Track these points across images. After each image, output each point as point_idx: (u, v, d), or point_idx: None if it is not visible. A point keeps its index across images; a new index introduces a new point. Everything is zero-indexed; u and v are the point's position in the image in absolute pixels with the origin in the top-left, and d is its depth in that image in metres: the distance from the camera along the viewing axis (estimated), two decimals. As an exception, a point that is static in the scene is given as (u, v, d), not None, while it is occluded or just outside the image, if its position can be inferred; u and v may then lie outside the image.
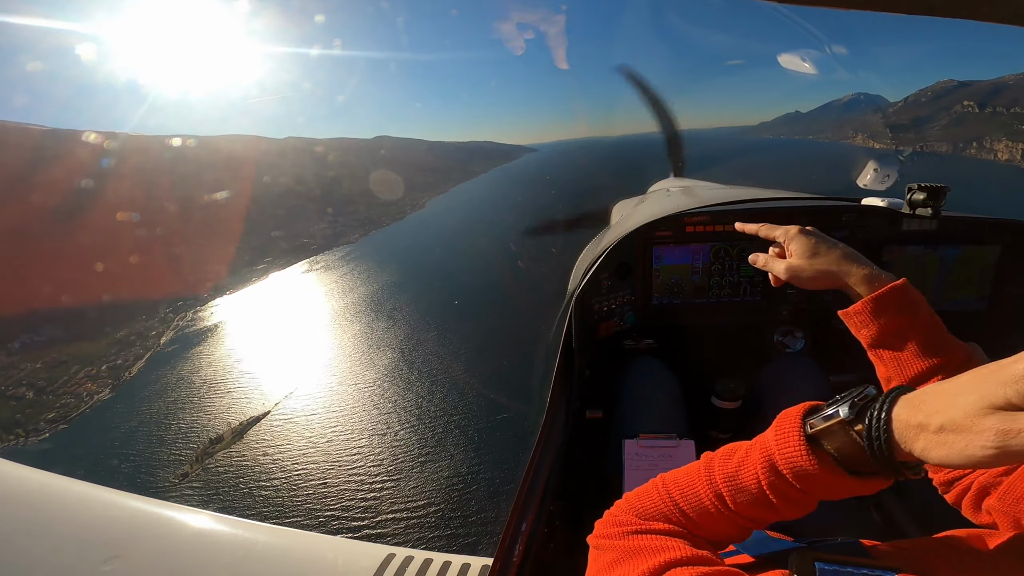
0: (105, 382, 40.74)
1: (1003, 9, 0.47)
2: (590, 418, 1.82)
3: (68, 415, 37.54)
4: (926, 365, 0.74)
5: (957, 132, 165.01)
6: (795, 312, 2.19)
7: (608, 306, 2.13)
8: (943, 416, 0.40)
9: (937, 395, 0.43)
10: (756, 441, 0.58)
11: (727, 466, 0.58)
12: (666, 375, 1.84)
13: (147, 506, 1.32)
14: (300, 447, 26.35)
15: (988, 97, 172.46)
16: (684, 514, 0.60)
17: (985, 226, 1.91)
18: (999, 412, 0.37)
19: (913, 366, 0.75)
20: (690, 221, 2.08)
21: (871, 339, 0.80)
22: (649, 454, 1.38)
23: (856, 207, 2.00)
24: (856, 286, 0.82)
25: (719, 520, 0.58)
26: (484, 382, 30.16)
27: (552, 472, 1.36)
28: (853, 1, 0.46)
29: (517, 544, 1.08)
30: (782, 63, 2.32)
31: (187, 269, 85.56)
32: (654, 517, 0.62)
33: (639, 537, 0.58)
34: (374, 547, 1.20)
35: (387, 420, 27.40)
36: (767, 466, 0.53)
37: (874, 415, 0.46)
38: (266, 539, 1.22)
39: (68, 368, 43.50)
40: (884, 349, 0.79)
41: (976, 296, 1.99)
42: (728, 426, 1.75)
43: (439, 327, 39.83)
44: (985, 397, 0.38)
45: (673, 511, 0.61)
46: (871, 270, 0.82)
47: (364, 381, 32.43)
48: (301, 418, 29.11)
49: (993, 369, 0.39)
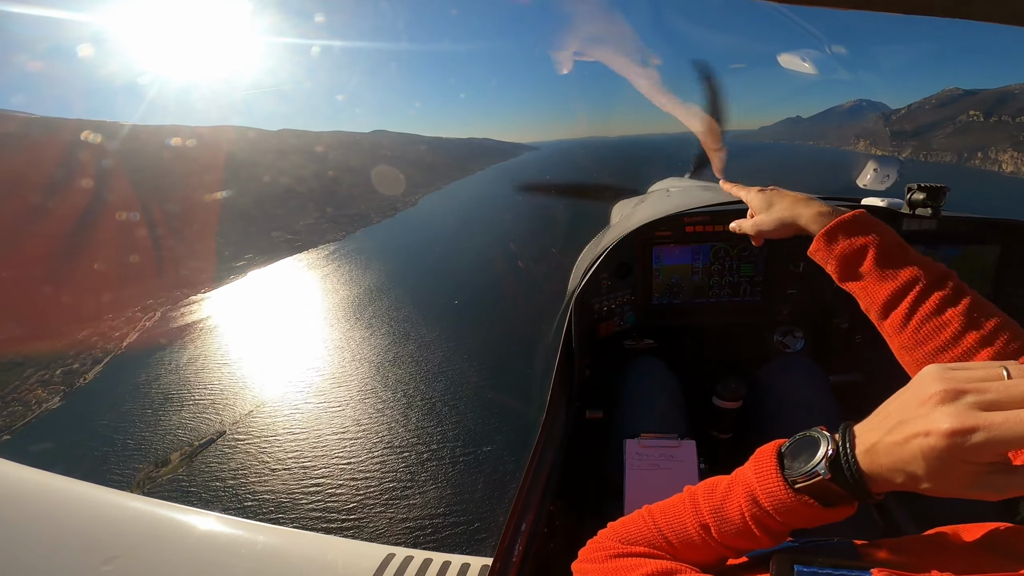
0: (57, 388, 37.82)
1: (1002, 9, 0.48)
2: (590, 418, 1.82)
3: (13, 425, 34.75)
4: (891, 288, 0.76)
5: (962, 141, 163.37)
6: (795, 312, 2.19)
7: (608, 306, 2.13)
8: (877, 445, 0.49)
9: (871, 427, 0.51)
10: (736, 476, 0.61)
11: (712, 500, 0.61)
12: (666, 375, 1.84)
13: (147, 506, 1.32)
14: (256, 473, 23.97)
15: (994, 106, 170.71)
16: (668, 542, 0.63)
17: (985, 226, 1.91)
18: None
19: (879, 292, 0.77)
20: (690, 221, 2.08)
21: (836, 273, 0.83)
22: (650, 454, 1.38)
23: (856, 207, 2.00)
24: (809, 225, 0.85)
25: (702, 549, 0.62)
26: (470, 414, 26.53)
27: (552, 472, 1.36)
28: (854, 1, 0.52)
29: (517, 544, 1.08)
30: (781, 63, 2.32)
31: (162, 265, 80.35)
32: (638, 543, 0.65)
33: (621, 560, 0.63)
34: (374, 547, 1.20)
35: (352, 450, 24.63)
36: (750, 501, 0.57)
37: (846, 466, 0.51)
38: (266, 539, 1.22)
39: (22, 371, 40.29)
40: (851, 281, 0.81)
41: None
42: (729, 426, 1.75)
43: (419, 340, 36.28)
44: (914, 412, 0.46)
45: (657, 538, 0.64)
46: (823, 208, 0.85)
47: (333, 400, 29.57)
48: (257, 440, 26.49)
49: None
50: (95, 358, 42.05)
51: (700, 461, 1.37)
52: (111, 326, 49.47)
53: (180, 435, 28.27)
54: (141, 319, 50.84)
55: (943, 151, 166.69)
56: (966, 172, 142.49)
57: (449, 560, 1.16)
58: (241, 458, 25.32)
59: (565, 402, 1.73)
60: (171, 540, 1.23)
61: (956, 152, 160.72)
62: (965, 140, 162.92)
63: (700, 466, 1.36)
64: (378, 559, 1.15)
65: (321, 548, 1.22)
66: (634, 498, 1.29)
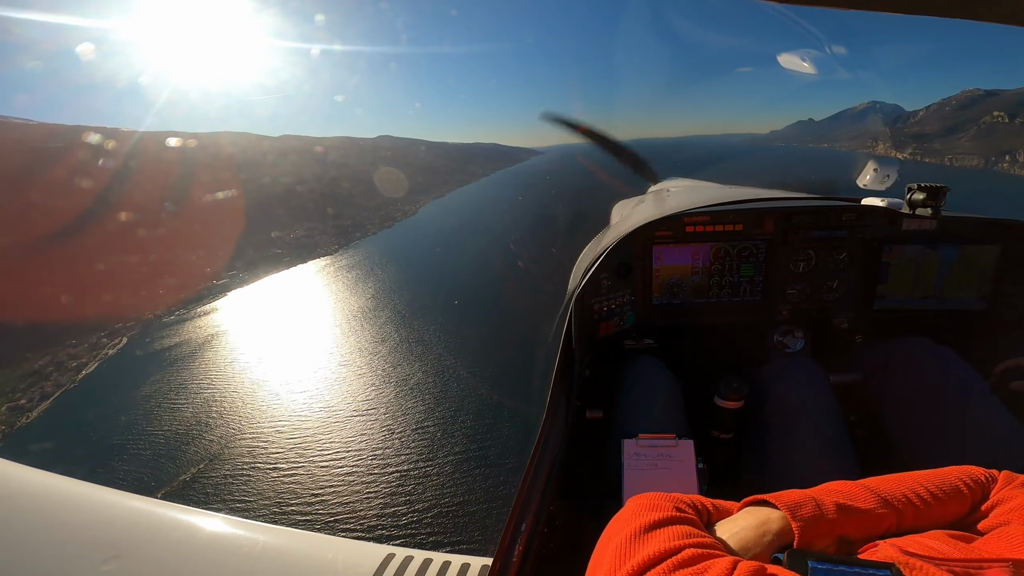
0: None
1: (1003, 9, 0.48)
2: (590, 418, 1.82)
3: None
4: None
5: (987, 144, 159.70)
6: (795, 312, 2.19)
7: (608, 306, 2.13)
8: None
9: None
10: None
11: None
12: (665, 375, 1.84)
13: (147, 506, 1.32)
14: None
15: (1018, 108, 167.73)
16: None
17: (985, 226, 1.91)
18: None
19: None
20: (690, 221, 2.09)
21: None
22: (648, 454, 1.38)
23: (856, 207, 2.00)
24: None
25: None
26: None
27: (552, 472, 1.36)
28: (856, 1, 0.49)
29: (517, 544, 1.08)
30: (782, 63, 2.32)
31: (139, 283, 72.16)
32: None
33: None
34: (374, 547, 1.20)
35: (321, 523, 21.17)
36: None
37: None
38: (266, 539, 1.22)
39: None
40: None
41: (976, 296, 1.99)
42: (730, 426, 1.75)
43: (404, 382, 30.64)
44: None
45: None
46: None
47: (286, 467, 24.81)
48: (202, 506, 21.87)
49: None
50: (44, 392, 37.57)
51: (698, 460, 1.37)
52: (71, 353, 44.12)
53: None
54: (107, 345, 45.65)
55: (968, 155, 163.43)
56: (993, 177, 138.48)
57: (449, 560, 1.16)
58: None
59: (565, 402, 1.72)
60: (171, 540, 1.23)
61: (982, 156, 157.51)
62: (991, 143, 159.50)
63: (698, 465, 1.36)
64: (378, 559, 1.15)
65: (321, 548, 1.22)
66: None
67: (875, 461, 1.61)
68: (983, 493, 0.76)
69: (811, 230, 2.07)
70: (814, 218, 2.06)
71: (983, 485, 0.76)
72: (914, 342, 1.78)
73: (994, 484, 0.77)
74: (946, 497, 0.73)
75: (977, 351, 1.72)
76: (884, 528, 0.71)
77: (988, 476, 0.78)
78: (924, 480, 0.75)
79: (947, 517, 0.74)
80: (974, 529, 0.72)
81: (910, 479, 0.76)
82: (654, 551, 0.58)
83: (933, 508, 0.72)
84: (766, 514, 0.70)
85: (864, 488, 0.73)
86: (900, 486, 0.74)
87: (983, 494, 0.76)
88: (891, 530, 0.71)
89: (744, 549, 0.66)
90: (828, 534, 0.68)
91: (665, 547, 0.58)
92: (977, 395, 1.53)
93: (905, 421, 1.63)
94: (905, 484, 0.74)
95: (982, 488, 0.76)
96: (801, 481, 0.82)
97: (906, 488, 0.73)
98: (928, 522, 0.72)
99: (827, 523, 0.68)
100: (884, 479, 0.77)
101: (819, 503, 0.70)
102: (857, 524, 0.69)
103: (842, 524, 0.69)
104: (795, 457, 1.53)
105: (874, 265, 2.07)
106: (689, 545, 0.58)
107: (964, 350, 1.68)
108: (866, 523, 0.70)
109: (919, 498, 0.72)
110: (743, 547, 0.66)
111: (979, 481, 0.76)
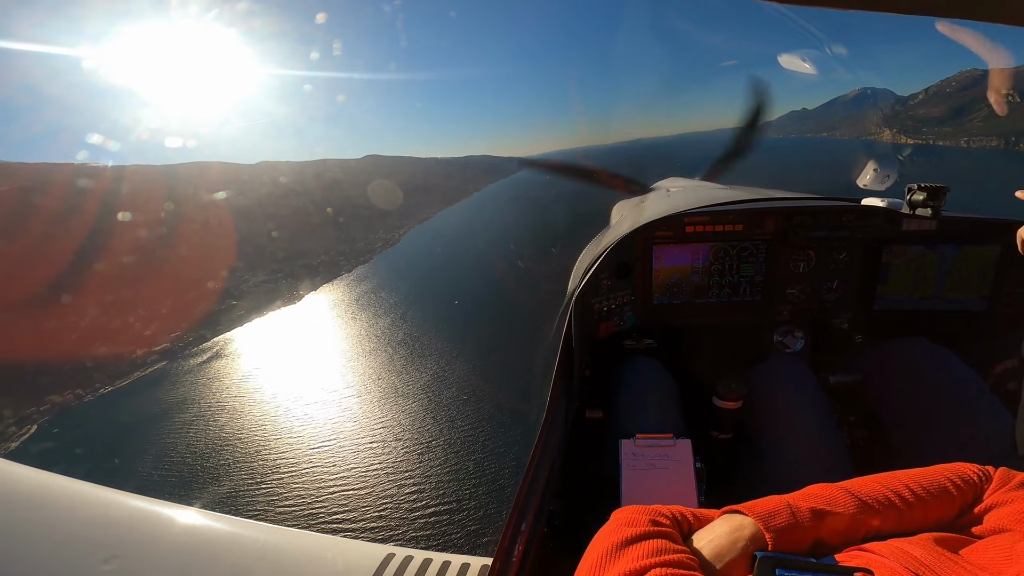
0: None
1: (1003, 9, 0.47)
2: (590, 418, 1.82)
3: None
4: None
5: (1002, 125, 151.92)
6: (795, 312, 2.19)
7: (608, 306, 2.13)
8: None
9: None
10: None
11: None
12: (664, 375, 1.84)
13: (147, 506, 1.32)
14: None
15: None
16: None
17: (985, 226, 1.91)
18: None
19: None
20: (690, 221, 2.09)
21: None
22: (646, 454, 1.38)
23: (856, 207, 2.00)
24: None
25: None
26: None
27: (552, 472, 1.36)
28: (853, 1, 0.49)
29: (517, 544, 1.08)
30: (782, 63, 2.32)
31: (76, 336, 57.03)
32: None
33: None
34: (374, 547, 1.20)
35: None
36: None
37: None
38: (266, 539, 1.22)
39: None
40: None
41: (976, 296, 1.99)
42: (729, 426, 1.75)
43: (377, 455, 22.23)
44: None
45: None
46: None
47: None
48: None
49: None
50: None
51: (696, 460, 1.37)
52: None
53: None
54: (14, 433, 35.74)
55: (985, 136, 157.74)
56: (1017, 158, 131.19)
57: (449, 560, 1.16)
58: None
59: (565, 402, 1.73)
60: (171, 539, 1.23)
61: (1002, 136, 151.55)
62: (1007, 122, 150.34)
63: (696, 465, 1.36)
64: (378, 559, 1.15)
65: (321, 548, 1.22)
66: (631, 498, 1.29)
67: (875, 461, 1.61)
68: (975, 493, 0.74)
69: (811, 230, 2.08)
70: (814, 218, 2.06)
71: (975, 484, 0.75)
72: (914, 342, 1.79)
73: (988, 483, 0.75)
74: (931, 498, 0.73)
75: (977, 351, 1.72)
76: (863, 532, 0.71)
77: (982, 474, 0.76)
78: (909, 480, 0.75)
79: (934, 518, 0.73)
80: (968, 532, 0.71)
81: (894, 479, 0.76)
82: (620, 572, 0.60)
83: (916, 509, 0.72)
84: (739, 521, 0.70)
85: (844, 491, 0.73)
86: (882, 487, 0.74)
87: (975, 494, 0.74)
88: (871, 534, 0.71)
89: (718, 557, 0.67)
90: (803, 540, 0.69)
91: (632, 567, 0.60)
92: (976, 395, 1.53)
93: (905, 421, 1.63)
94: (888, 485, 0.74)
95: (974, 488, 0.75)
96: (791, 482, 0.82)
97: (888, 489, 0.73)
98: (913, 524, 0.72)
99: (801, 530, 0.68)
100: (867, 480, 0.77)
101: (794, 510, 0.70)
102: (833, 529, 0.70)
103: (817, 530, 0.69)
104: (787, 457, 1.53)
105: (874, 265, 2.07)
106: (657, 564, 0.60)
107: (964, 350, 1.68)
108: (843, 528, 0.70)
109: (901, 499, 0.72)
110: (717, 555, 0.67)
111: (970, 480, 0.75)
